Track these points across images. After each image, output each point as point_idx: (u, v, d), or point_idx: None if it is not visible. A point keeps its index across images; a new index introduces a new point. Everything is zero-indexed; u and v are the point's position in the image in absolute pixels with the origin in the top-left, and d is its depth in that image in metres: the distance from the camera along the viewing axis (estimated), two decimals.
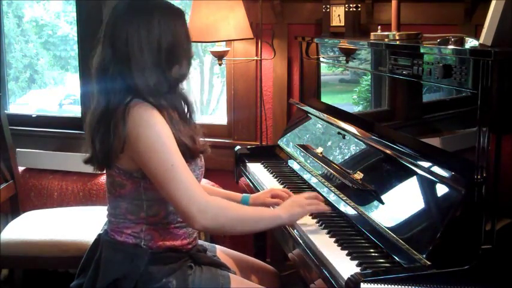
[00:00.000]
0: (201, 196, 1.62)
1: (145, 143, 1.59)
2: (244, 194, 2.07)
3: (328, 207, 1.86)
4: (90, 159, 1.74)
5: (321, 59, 2.64)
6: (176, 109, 1.72)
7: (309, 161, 2.33)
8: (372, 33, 2.21)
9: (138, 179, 1.68)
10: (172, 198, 1.61)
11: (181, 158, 1.63)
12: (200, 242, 1.88)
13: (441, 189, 1.60)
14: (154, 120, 1.61)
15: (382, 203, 1.75)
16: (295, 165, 2.45)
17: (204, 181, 2.68)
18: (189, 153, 1.70)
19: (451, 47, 1.63)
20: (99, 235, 1.81)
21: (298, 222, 1.82)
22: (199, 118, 3.48)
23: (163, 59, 1.66)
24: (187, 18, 2.64)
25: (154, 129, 1.60)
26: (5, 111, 3.03)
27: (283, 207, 1.79)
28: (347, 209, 1.89)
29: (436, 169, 1.63)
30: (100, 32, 1.71)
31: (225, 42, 2.90)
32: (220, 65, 2.93)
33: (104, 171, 1.77)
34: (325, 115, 2.42)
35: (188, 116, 1.76)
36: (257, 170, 2.51)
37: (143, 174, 1.65)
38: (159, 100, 1.66)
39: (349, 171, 2.01)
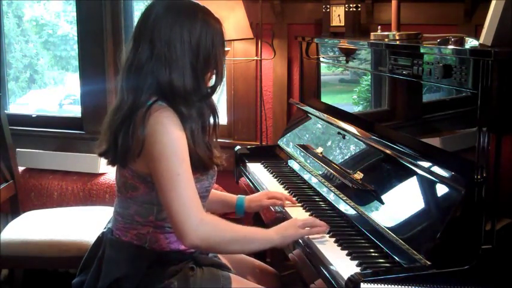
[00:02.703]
0: (197, 213, 1.60)
1: (159, 148, 1.59)
2: (239, 196, 2.07)
3: (324, 229, 1.77)
4: (106, 153, 1.72)
5: (321, 59, 2.64)
6: (202, 118, 1.71)
7: (309, 161, 2.33)
8: (372, 33, 2.21)
9: (151, 184, 1.66)
10: (169, 209, 1.59)
11: (189, 170, 1.61)
12: None
13: (441, 189, 1.60)
14: (173, 127, 1.60)
15: (382, 203, 1.75)
16: (295, 165, 2.45)
17: None
18: (202, 166, 1.70)
19: (451, 47, 1.63)
20: (102, 233, 1.81)
21: None
22: None
23: (200, 63, 1.67)
24: None
25: (170, 136, 1.59)
26: (5, 111, 3.03)
27: (277, 229, 1.75)
28: (347, 209, 1.89)
29: (436, 169, 1.63)
30: (135, 31, 1.70)
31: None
32: None
33: (106, 172, 1.76)
34: (325, 115, 2.42)
35: (211, 128, 1.75)
36: (257, 170, 2.51)
37: None
38: (187, 108, 1.66)
39: (349, 171, 2.01)
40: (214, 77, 1.75)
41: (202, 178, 1.72)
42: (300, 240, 1.76)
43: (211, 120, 1.75)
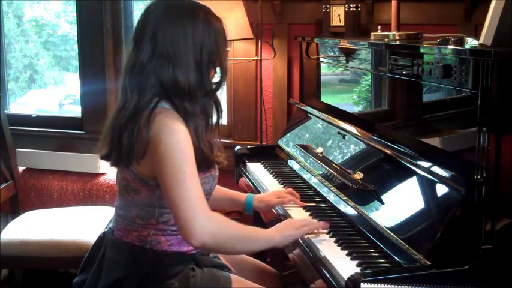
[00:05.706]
0: (205, 211, 1.59)
1: (165, 149, 1.58)
2: (248, 194, 2.07)
3: (324, 227, 1.78)
4: (108, 154, 1.72)
5: (321, 59, 2.64)
6: (206, 115, 1.71)
7: (309, 161, 2.33)
8: (372, 33, 2.21)
9: (153, 187, 1.66)
10: (176, 207, 1.58)
11: (194, 169, 1.61)
12: None
13: (441, 189, 1.60)
14: (178, 128, 1.60)
15: (382, 203, 1.75)
16: (295, 165, 2.45)
17: None
18: (206, 163, 1.69)
19: (451, 47, 1.63)
20: (104, 233, 1.81)
21: None
22: None
23: (204, 60, 1.67)
24: None
25: (175, 136, 1.59)
26: (5, 111, 3.03)
27: (277, 229, 1.75)
28: (347, 209, 1.89)
29: (436, 169, 1.63)
30: (136, 31, 1.70)
31: None
32: None
33: (106, 172, 1.76)
34: (325, 115, 2.42)
35: (215, 123, 1.75)
36: (257, 170, 2.51)
37: (158, 183, 1.64)
38: (191, 104, 1.66)
39: (349, 171, 2.01)
40: (218, 73, 1.75)
41: (204, 181, 1.71)
42: (300, 240, 1.76)
43: (215, 117, 1.75)
